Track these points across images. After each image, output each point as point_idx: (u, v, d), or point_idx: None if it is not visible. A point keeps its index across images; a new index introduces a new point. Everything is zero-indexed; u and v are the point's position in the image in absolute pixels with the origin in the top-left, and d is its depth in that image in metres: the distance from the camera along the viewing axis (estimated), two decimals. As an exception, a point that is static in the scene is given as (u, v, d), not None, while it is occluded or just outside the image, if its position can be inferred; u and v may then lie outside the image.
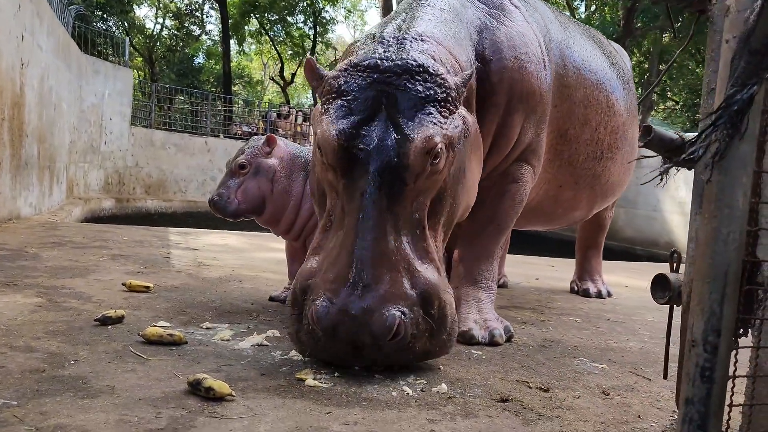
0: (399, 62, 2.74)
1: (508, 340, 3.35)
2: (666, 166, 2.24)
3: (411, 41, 2.92)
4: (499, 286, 5.25)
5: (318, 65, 2.92)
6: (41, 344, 2.58)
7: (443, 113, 2.73)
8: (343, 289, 2.44)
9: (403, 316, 2.41)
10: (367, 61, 2.77)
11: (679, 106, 30.27)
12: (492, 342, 3.24)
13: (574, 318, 4.22)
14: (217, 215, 3.69)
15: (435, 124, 2.68)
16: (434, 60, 2.86)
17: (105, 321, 2.97)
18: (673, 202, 14.11)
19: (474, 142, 3.02)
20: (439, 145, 2.65)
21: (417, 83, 2.71)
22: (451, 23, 3.27)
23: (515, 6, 3.70)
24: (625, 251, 14.13)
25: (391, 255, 2.51)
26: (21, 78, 8.23)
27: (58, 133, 11.19)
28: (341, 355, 2.50)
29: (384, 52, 2.83)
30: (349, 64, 2.82)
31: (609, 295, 5.40)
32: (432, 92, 2.71)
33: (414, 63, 2.74)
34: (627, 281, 6.73)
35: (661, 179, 2.33)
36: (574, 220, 4.87)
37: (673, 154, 2.23)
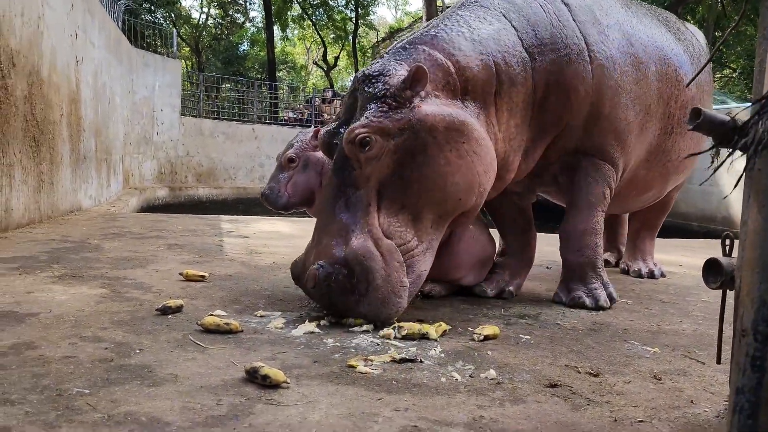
0: (370, 72, 3.28)
1: (611, 305, 3.86)
2: (717, 149, 2.20)
3: (401, 51, 3.42)
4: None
5: None
6: (108, 334, 2.74)
7: (381, 108, 3.16)
8: (309, 249, 3.25)
9: (319, 270, 3.00)
10: (356, 74, 3.39)
11: (737, 74, 29.03)
12: (597, 306, 3.79)
13: (624, 300, 4.18)
14: (269, 208, 3.82)
15: (367, 117, 3.15)
16: (405, 65, 3.29)
17: (165, 311, 3.12)
18: (729, 175, 13.61)
19: (454, 131, 3.23)
20: (363, 136, 3.11)
21: (369, 86, 3.23)
22: (477, 22, 3.61)
23: (565, 3, 3.93)
24: (679, 227, 13.76)
25: (333, 225, 3.13)
26: (76, 75, 8.54)
27: (112, 126, 11.58)
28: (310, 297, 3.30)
29: (371, 64, 3.40)
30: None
31: (662, 275, 5.30)
32: (374, 91, 3.20)
33: (374, 71, 3.26)
34: (681, 260, 6.58)
35: (712, 162, 2.29)
36: (648, 200, 4.96)
37: (724, 137, 2.19)
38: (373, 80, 3.22)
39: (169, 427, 1.82)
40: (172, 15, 32.99)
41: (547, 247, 5.59)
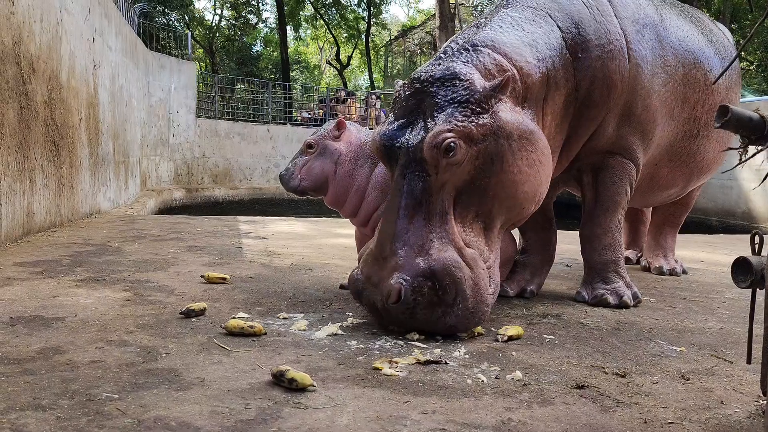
0: (437, 73, 3.14)
1: (636, 304, 3.86)
2: (746, 146, 2.17)
3: (463, 52, 3.30)
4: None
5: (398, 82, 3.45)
6: (133, 338, 2.76)
7: (464, 112, 3.02)
8: (370, 261, 3.01)
9: (404, 283, 2.79)
10: (414, 75, 3.25)
11: (754, 67, 28.64)
12: (621, 303, 3.77)
13: (647, 298, 4.14)
14: (283, 188, 3.90)
15: (449, 122, 2.99)
16: (474, 68, 3.19)
17: (189, 314, 3.14)
18: (749, 169, 13.42)
19: (525, 140, 3.18)
20: (450, 140, 2.95)
21: (445, 89, 3.09)
22: (528, 24, 3.55)
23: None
24: (698, 222, 13.61)
25: (408, 234, 2.92)
26: (94, 79, 8.62)
27: (130, 129, 11.68)
28: (371, 315, 3.07)
29: (431, 65, 3.26)
30: (407, 79, 3.31)
31: (684, 272, 5.25)
32: (455, 95, 3.06)
33: (448, 72, 3.12)
34: (703, 256, 6.51)
35: (740, 158, 2.26)
36: (669, 197, 4.96)
37: (752, 133, 2.15)
38: (448, 83, 3.08)
39: (199, 432, 1.83)
40: (186, 17, 33.16)
41: (565, 245, 5.55)
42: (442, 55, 3.33)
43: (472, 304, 2.87)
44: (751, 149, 2.27)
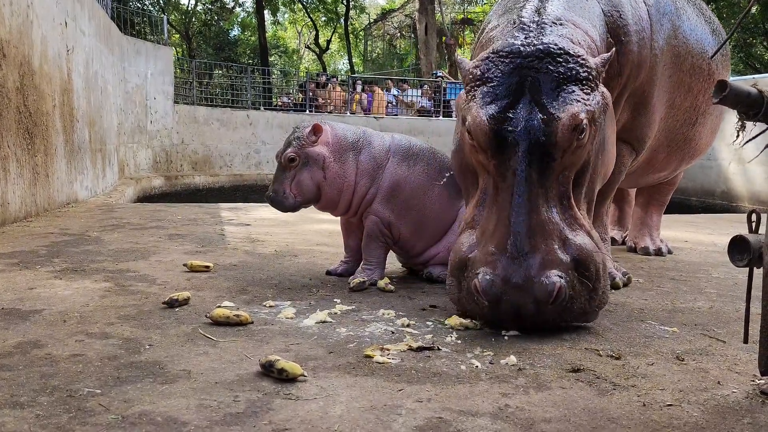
0: (540, 47, 2.88)
1: (626, 284, 3.83)
2: (744, 122, 2.13)
3: (551, 26, 3.06)
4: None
5: (462, 58, 3.16)
6: (115, 330, 2.66)
7: (585, 90, 2.85)
8: (503, 260, 2.70)
9: (561, 280, 2.63)
10: (508, 48, 2.93)
11: (731, 47, 28.91)
12: (612, 285, 3.62)
13: (635, 278, 4.12)
14: (277, 210, 3.71)
15: (578, 101, 2.81)
16: (573, 43, 2.99)
17: (172, 304, 3.04)
18: (728, 149, 13.53)
19: (611, 115, 3.18)
20: (584, 121, 2.79)
21: (559, 65, 2.84)
22: (583, 2, 3.43)
23: None
24: (679, 202, 13.69)
25: (544, 226, 2.72)
26: (68, 64, 8.38)
27: (106, 116, 11.41)
28: (505, 321, 2.76)
29: (525, 38, 2.97)
30: (491, 52, 2.98)
31: (669, 252, 5.26)
32: (574, 72, 2.84)
33: (555, 47, 2.88)
34: (686, 235, 6.53)
35: (738, 136, 2.22)
36: (660, 178, 5.03)
37: (749, 108, 2.11)
38: (559, 58, 2.84)
39: (186, 427, 1.75)
40: (161, 1, 32.50)
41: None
42: (526, 27, 3.05)
43: (604, 286, 2.81)
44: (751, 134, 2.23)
